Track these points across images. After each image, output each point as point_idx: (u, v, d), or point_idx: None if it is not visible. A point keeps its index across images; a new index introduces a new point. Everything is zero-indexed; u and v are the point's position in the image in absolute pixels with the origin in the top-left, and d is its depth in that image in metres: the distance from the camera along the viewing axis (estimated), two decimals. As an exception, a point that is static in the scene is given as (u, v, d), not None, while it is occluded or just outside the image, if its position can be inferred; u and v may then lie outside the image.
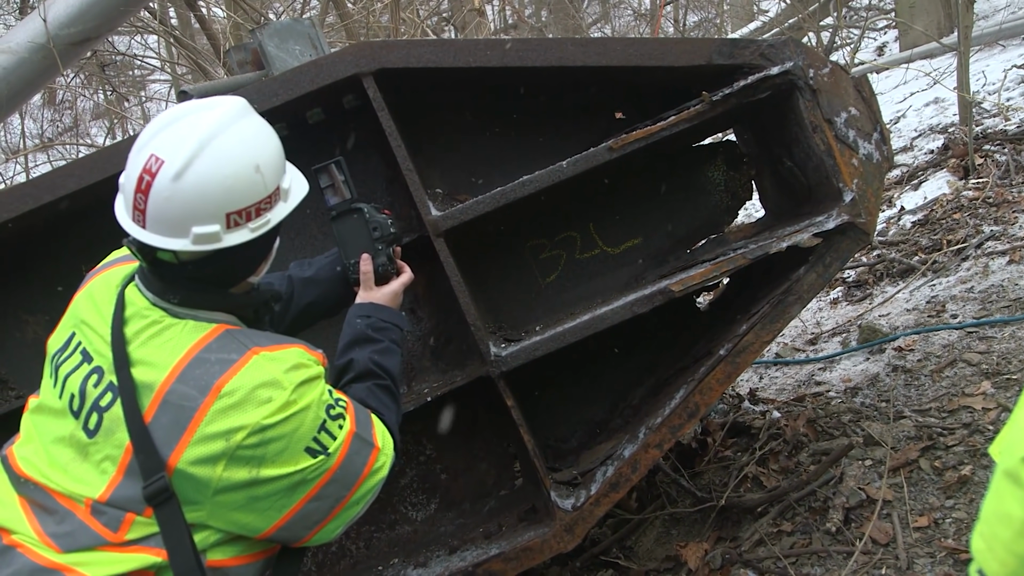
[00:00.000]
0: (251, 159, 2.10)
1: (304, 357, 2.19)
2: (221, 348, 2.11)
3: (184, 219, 2.06)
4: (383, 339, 2.52)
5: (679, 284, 3.33)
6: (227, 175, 2.06)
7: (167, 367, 2.08)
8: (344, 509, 2.24)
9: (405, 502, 3.75)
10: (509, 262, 3.85)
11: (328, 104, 3.46)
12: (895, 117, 8.82)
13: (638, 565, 3.76)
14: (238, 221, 2.11)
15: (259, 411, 2.04)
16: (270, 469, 2.06)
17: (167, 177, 2.03)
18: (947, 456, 3.46)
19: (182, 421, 2.03)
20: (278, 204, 2.21)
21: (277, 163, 2.21)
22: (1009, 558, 1.43)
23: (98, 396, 2.13)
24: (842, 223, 3.32)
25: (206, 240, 2.08)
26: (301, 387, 2.11)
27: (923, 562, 3.04)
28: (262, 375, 2.08)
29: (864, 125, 3.40)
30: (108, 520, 2.05)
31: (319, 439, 2.12)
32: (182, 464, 2.02)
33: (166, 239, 2.08)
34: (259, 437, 2.03)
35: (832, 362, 4.92)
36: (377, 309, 2.59)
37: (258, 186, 2.12)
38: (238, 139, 2.11)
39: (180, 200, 2.04)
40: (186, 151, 2.04)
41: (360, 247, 2.67)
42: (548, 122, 3.79)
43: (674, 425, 3.31)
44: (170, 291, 2.18)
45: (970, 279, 5.06)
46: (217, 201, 2.06)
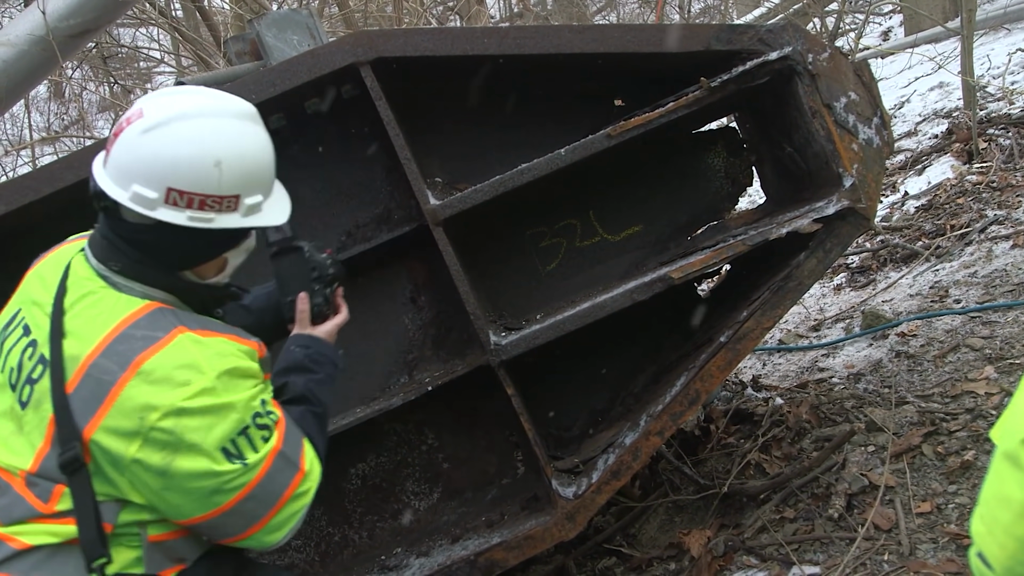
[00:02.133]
0: (216, 152, 2.10)
1: (234, 348, 2.19)
2: (149, 325, 2.12)
3: (131, 172, 2.09)
4: (320, 371, 2.50)
5: (679, 271, 3.32)
6: (183, 151, 2.08)
7: (94, 340, 2.10)
8: (263, 531, 2.20)
9: (407, 491, 3.75)
10: (509, 250, 3.85)
11: (326, 94, 3.46)
12: (900, 102, 8.79)
13: (641, 552, 3.76)
14: (177, 201, 2.09)
15: (175, 392, 2.03)
16: (184, 460, 2.04)
17: (137, 129, 2.09)
18: (950, 441, 3.46)
19: (99, 394, 2.04)
20: (230, 212, 2.18)
21: (247, 175, 2.19)
22: (1009, 541, 1.43)
23: (31, 368, 2.15)
24: (842, 208, 3.31)
25: (142, 202, 2.09)
26: (225, 378, 2.10)
27: (926, 547, 3.04)
28: (184, 356, 2.08)
29: (864, 110, 3.39)
30: (40, 491, 2.07)
31: (238, 444, 2.09)
32: (97, 436, 2.04)
33: (112, 185, 2.12)
34: (173, 422, 2.02)
35: (835, 348, 4.91)
36: (315, 341, 2.57)
37: (210, 180, 2.10)
38: (216, 130, 2.13)
39: (136, 153, 2.09)
40: (165, 114, 2.09)
41: (297, 286, 2.65)
42: (547, 110, 3.78)
43: (675, 412, 3.30)
44: (113, 257, 2.20)
45: (973, 264, 5.05)
46: (162, 170, 2.07)
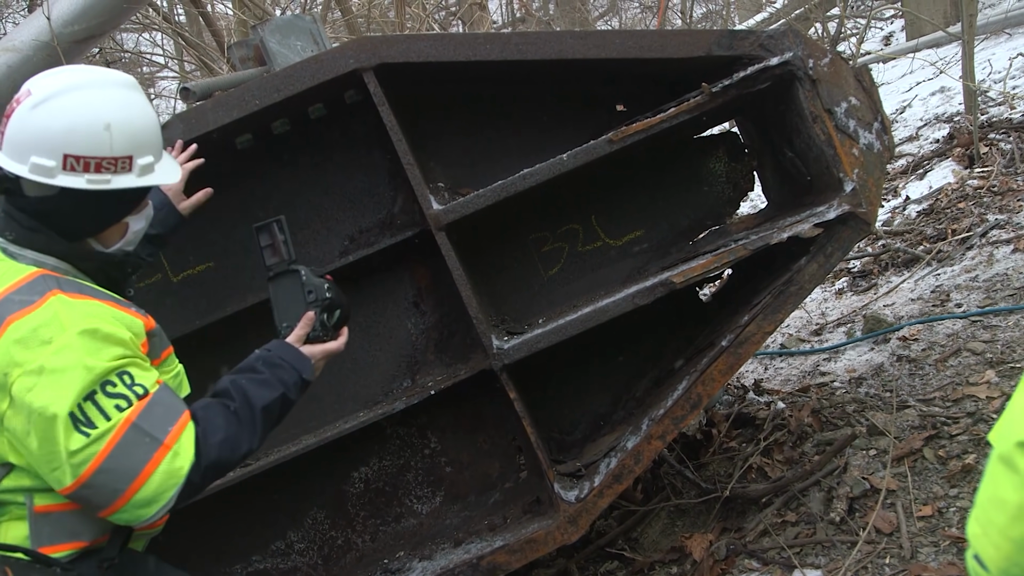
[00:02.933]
0: (104, 116, 2.24)
1: (107, 312, 2.25)
2: (28, 290, 2.20)
3: (27, 146, 2.20)
4: (266, 372, 2.48)
5: (681, 275, 3.33)
6: (74, 118, 2.21)
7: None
8: (130, 505, 2.19)
9: (411, 495, 3.76)
10: (511, 255, 3.86)
11: (330, 99, 3.47)
12: (901, 107, 8.80)
13: (643, 556, 3.77)
14: (75, 167, 2.22)
15: (37, 350, 2.11)
16: (41, 421, 2.09)
17: (28, 105, 2.21)
18: (951, 445, 3.46)
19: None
20: (125, 173, 2.31)
21: (136, 136, 2.32)
22: (1004, 543, 1.44)
23: None
24: (843, 213, 3.32)
25: (41, 171, 2.20)
26: (86, 337, 2.15)
27: (927, 551, 3.04)
28: (49, 315, 2.15)
29: (865, 115, 3.40)
30: None
31: (86, 410, 2.12)
32: None
33: (10, 161, 2.23)
34: (33, 379, 2.09)
35: (837, 352, 4.92)
36: (283, 348, 2.56)
37: (102, 143, 2.24)
38: (102, 97, 2.27)
39: (28, 127, 2.20)
40: (52, 88, 2.23)
41: (295, 310, 2.66)
42: (549, 115, 3.80)
43: (677, 416, 3.31)
44: (9, 228, 2.30)
45: (975, 268, 5.05)
46: (56, 137, 2.19)
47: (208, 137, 3.29)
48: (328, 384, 3.63)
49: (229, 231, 3.66)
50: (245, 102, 3.27)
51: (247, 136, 3.47)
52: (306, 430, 3.64)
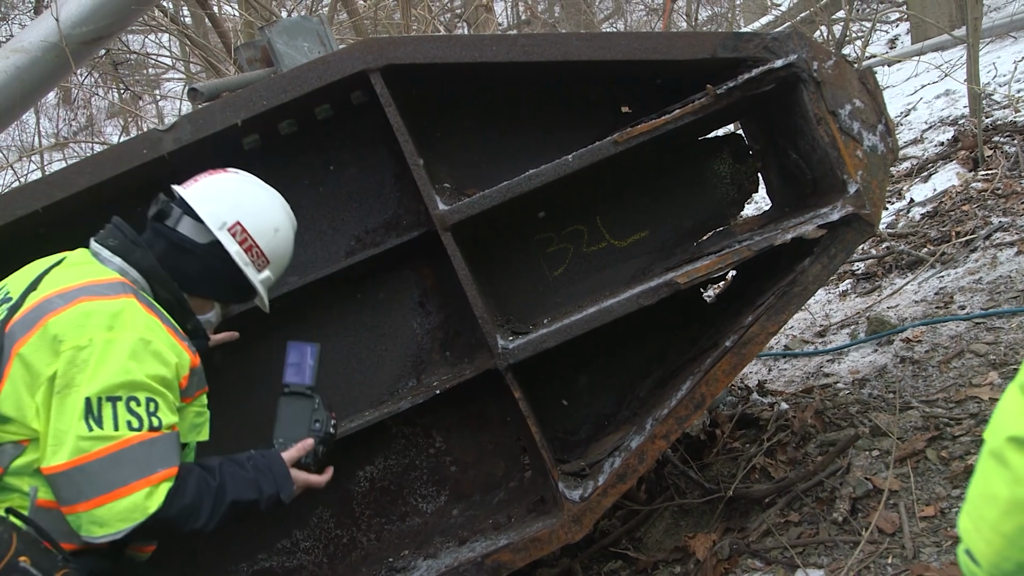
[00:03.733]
0: (280, 224, 2.79)
1: (165, 336, 2.41)
2: (108, 288, 2.39)
3: (216, 197, 2.68)
4: (252, 473, 2.56)
5: (685, 276, 3.35)
6: (263, 207, 2.76)
7: (58, 286, 2.35)
8: (85, 515, 2.24)
9: (415, 494, 3.78)
10: (517, 256, 3.87)
11: (336, 100, 3.49)
12: (906, 109, 8.80)
13: (647, 556, 3.78)
14: (236, 235, 2.65)
15: (95, 332, 2.26)
16: (67, 397, 2.22)
17: (234, 174, 2.82)
18: (954, 446, 3.47)
19: (36, 318, 2.29)
20: (255, 272, 2.72)
21: (281, 256, 2.82)
22: (995, 537, 1.46)
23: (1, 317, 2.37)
24: (847, 214, 3.34)
25: (213, 220, 2.61)
26: (139, 344, 2.31)
27: (929, 551, 3.06)
28: (116, 309, 2.32)
29: (869, 117, 3.41)
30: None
31: (101, 408, 2.22)
32: (24, 351, 2.25)
33: (196, 199, 2.65)
34: (78, 354, 2.24)
35: (840, 354, 4.93)
36: (277, 462, 2.66)
37: (266, 236, 2.72)
38: (284, 215, 2.85)
39: (230, 186, 2.74)
40: (258, 180, 2.88)
41: (297, 432, 2.77)
42: (554, 116, 3.81)
43: (680, 416, 3.33)
44: (113, 236, 2.54)
45: (978, 270, 5.06)
46: (242, 207, 2.68)
47: (216, 137, 3.31)
48: (334, 384, 3.65)
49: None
50: (252, 103, 3.28)
51: (254, 137, 3.49)
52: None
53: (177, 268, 2.59)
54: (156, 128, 3.27)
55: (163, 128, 3.26)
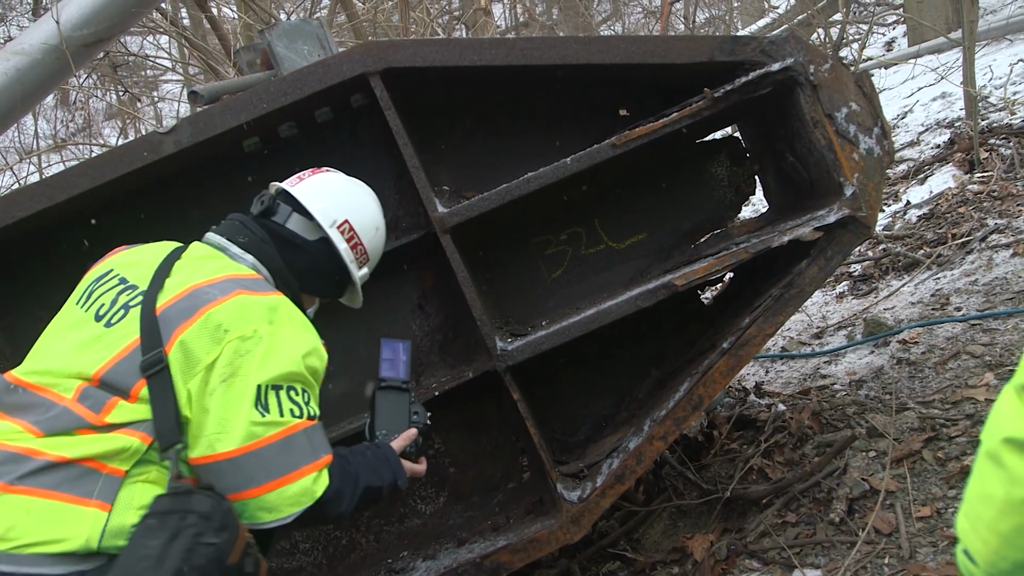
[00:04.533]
0: (380, 223, 2.90)
1: (317, 336, 2.44)
2: (256, 283, 2.42)
3: (325, 196, 2.74)
4: (376, 462, 2.60)
5: (683, 278, 3.36)
6: (368, 207, 2.86)
7: (202, 278, 2.36)
8: (256, 500, 2.25)
9: (414, 495, 3.79)
10: (515, 258, 3.89)
11: (336, 103, 3.51)
12: (902, 112, 8.82)
13: (645, 557, 3.79)
14: (344, 232, 2.73)
15: (259, 324, 2.27)
16: (236, 382, 2.22)
17: (344, 177, 2.90)
18: (950, 447, 3.49)
19: (194, 307, 2.27)
20: (357, 268, 2.80)
21: (379, 252, 2.92)
22: (992, 537, 1.47)
23: (128, 300, 2.36)
24: (843, 217, 3.35)
25: (324, 217, 2.68)
26: (304, 334, 2.38)
27: (925, 551, 3.07)
28: (274, 303, 2.35)
29: (865, 120, 3.43)
30: (93, 403, 2.18)
31: (267, 395, 2.25)
32: (185, 336, 2.23)
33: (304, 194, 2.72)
34: (250, 345, 2.24)
35: (837, 355, 4.95)
36: (390, 451, 2.68)
37: (369, 233, 2.81)
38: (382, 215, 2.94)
39: (339, 186, 2.82)
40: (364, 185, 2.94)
41: (398, 424, 2.81)
42: (553, 119, 3.83)
43: (678, 417, 3.34)
44: (241, 233, 2.60)
45: (974, 272, 5.08)
46: (351, 206, 2.78)
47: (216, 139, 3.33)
48: (334, 385, 3.66)
49: (236, 233, 3.68)
50: (253, 105, 3.30)
51: (254, 139, 3.50)
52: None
53: (289, 264, 2.62)
54: (157, 130, 3.29)
55: (164, 130, 3.27)
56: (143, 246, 2.63)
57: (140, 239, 3.61)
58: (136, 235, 3.60)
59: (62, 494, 2.08)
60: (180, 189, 3.57)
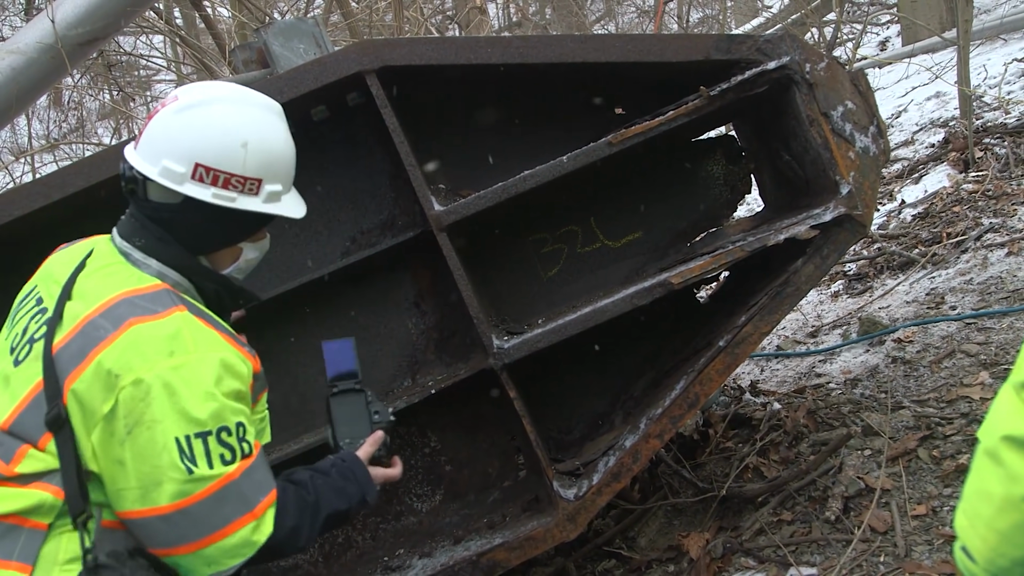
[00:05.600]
0: (244, 134, 2.23)
1: (227, 348, 2.19)
2: (153, 300, 2.15)
3: (162, 149, 2.20)
4: (340, 481, 2.41)
5: (679, 277, 3.37)
6: (214, 129, 2.21)
7: (97, 301, 2.14)
8: (193, 556, 2.11)
9: (410, 493, 3.79)
10: (511, 256, 3.89)
11: (332, 102, 3.51)
12: (896, 111, 8.84)
13: (640, 555, 3.80)
14: (203, 178, 2.20)
15: (157, 360, 2.04)
16: (143, 432, 2.02)
17: (171, 109, 2.23)
18: (945, 445, 3.50)
19: (86, 348, 2.06)
20: (252, 195, 2.28)
21: (271, 161, 2.30)
22: (990, 534, 1.48)
23: (35, 330, 2.18)
24: (839, 215, 3.36)
25: (170, 176, 2.19)
26: (211, 363, 2.11)
27: (921, 549, 3.08)
28: (175, 330, 2.10)
29: (860, 119, 3.44)
30: (3, 451, 2.05)
31: (192, 444, 2.05)
32: (77, 386, 2.04)
33: (142, 162, 2.22)
34: (145, 389, 2.02)
35: (832, 354, 4.96)
36: (357, 464, 2.47)
37: (235, 159, 2.22)
38: (246, 116, 2.27)
39: (167, 130, 2.21)
40: (200, 97, 2.24)
41: (360, 428, 2.60)
42: (549, 118, 3.83)
43: (674, 415, 3.35)
44: (138, 234, 2.27)
45: (969, 271, 5.09)
46: (192, 144, 2.19)
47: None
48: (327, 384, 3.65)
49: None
50: (249, 104, 3.29)
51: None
52: (307, 428, 3.67)
53: (184, 242, 2.28)
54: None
55: (159, 129, 3.26)
56: (72, 248, 2.42)
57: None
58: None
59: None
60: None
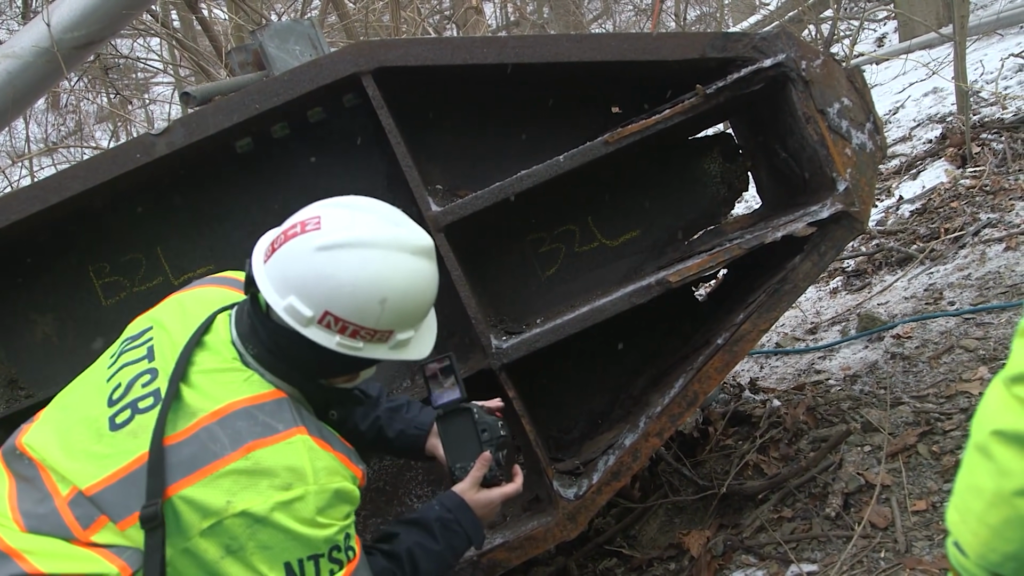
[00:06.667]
0: (385, 290, 2.08)
1: (344, 470, 2.17)
2: (272, 413, 2.11)
3: (293, 284, 2.07)
4: (441, 542, 2.42)
5: (677, 275, 3.37)
6: (353, 282, 2.05)
7: (216, 403, 2.09)
8: None
9: (411, 494, 3.79)
10: (509, 256, 3.88)
11: (328, 103, 3.51)
12: (894, 108, 8.84)
13: (641, 553, 3.80)
14: (331, 325, 2.08)
15: (271, 493, 2.01)
16: (238, 565, 2.01)
17: (312, 243, 2.06)
18: (945, 441, 3.50)
19: (199, 461, 2.02)
20: (379, 344, 2.18)
21: (407, 314, 2.18)
22: (981, 529, 1.48)
23: (141, 396, 2.14)
24: (836, 212, 3.36)
25: (295, 316, 2.07)
26: (328, 495, 2.08)
27: (921, 545, 3.08)
28: (295, 459, 2.06)
29: (857, 115, 3.44)
30: (81, 515, 2.03)
31: (304, 566, 2.04)
32: (178, 496, 2.00)
33: (270, 288, 2.10)
34: (250, 524, 2.00)
35: (832, 351, 4.96)
36: (463, 510, 2.49)
37: (371, 315, 2.09)
38: (391, 266, 2.10)
39: (303, 268, 2.06)
40: (343, 237, 2.07)
41: (469, 450, 2.58)
42: (545, 118, 3.83)
43: (674, 414, 3.35)
44: (252, 340, 2.19)
45: (967, 266, 5.10)
46: (327, 292, 2.05)
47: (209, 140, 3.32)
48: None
49: (229, 233, 3.69)
50: (245, 106, 3.29)
51: (247, 140, 3.50)
52: (307, 430, 3.66)
53: (297, 367, 2.22)
54: (149, 132, 3.29)
55: (156, 132, 3.27)
56: (193, 300, 2.40)
57: (134, 239, 3.63)
58: (130, 236, 3.62)
59: None
60: (173, 189, 3.57)
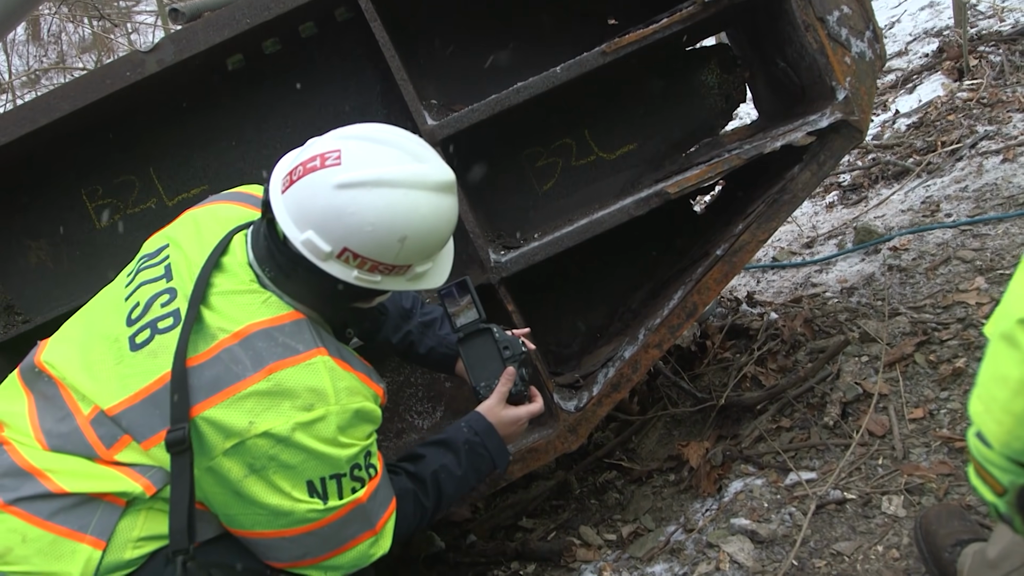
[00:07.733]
0: (404, 229, 2.05)
1: (364, 389, 2.17)
2: (292, 335, 2.09)
3: (312, 219, 2.03)
4: (467, 465, 2.45)
5: (675, 186, 3.34)
6: (373, 220, 2.01)
7: (236, 324, 2.07)
8: (314, 567, 2.16)
9: (411, 410, 3.81)
10: (506, 171, 3.86)
11: (320, 17, 3.45)
12: (890, 22, 8.74)
13: (641, 466, 3.84)
14: (349, 260, 2.06)
15: (293, 413, 2.01)
16: (258, 486, 2.02)
17: (330, 179, 2.01)
18: (942, 350, 3.52)
19: (222, 382, 2.02)
20: (398, 276, 2.16)
21: (428, 248, 2.15)
22: (1006, 417, 1.49)
23: (160, 316, 2.13)
24: (835, 121, 3.33)
25: (314, 251, 2.04)
26: (350, 415, 2.09)
27: (918, 451, 3.11)
28: (315, 380, 2.05)
29: (856, 23, 3.39)
30: (104, 434, 2.04)
31: (327, 486, 2.06)
32: (201, 418, 2.00)
33: (288, 220, 2.06)
34: (273, 444, 2.00)
35: (828, 264, 4.96)
36: (490, 434, 2.52)
37: (389, 251, 2.06)
38: (412, 206, 2.05)
39: (323, 204, 2.01)
40: (363, 174, 2.01)
41: (492, 367, 2.60)
42: (541, 30, 3.78)
43: (673, 325, 3.35)
44: (269, 263, 2.16)
45: (964, 179, 5.07)
46: (347, 230, 2.02)
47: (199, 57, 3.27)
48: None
49: (222, 153, 3.65)
50: (236, 21, 3.22)
51: (238, 57, 3.45)
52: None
53: (317, 293, 2.20)
54: (138, 50, 3.23)
55: (146, 49, 3.22)
56: (209, 219, 2.36)
57: (127, 161, 3.60)
58: (122, 158, 3.59)
59: (57, 526, 1.97)
60: (166, 109, 3.53)
